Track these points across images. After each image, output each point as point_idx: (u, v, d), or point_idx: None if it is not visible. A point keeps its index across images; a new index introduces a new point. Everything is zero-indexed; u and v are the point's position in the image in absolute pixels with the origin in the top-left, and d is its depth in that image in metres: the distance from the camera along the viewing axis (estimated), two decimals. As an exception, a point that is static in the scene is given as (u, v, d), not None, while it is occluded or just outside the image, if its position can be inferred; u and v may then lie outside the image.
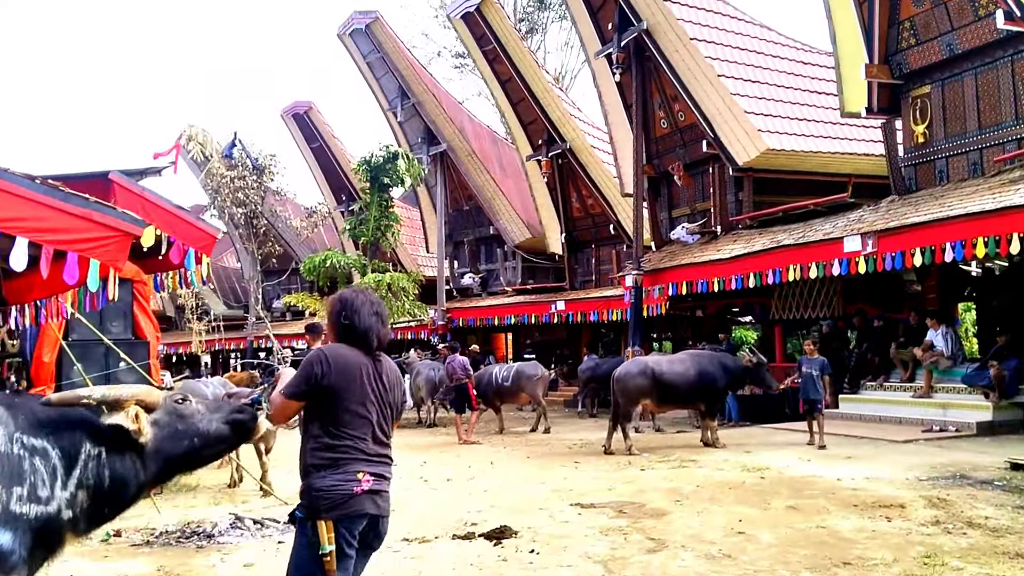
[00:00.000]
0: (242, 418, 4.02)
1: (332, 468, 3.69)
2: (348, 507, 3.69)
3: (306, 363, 3.74)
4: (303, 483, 3.73)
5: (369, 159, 21.77)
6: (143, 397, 3.75)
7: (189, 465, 4.18)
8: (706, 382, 13.04)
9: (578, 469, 11.38)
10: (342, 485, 3.68)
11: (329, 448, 3.70)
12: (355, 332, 3.90)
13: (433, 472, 11.61)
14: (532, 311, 25.06)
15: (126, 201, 9.93)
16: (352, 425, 3.76)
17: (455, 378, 16.16)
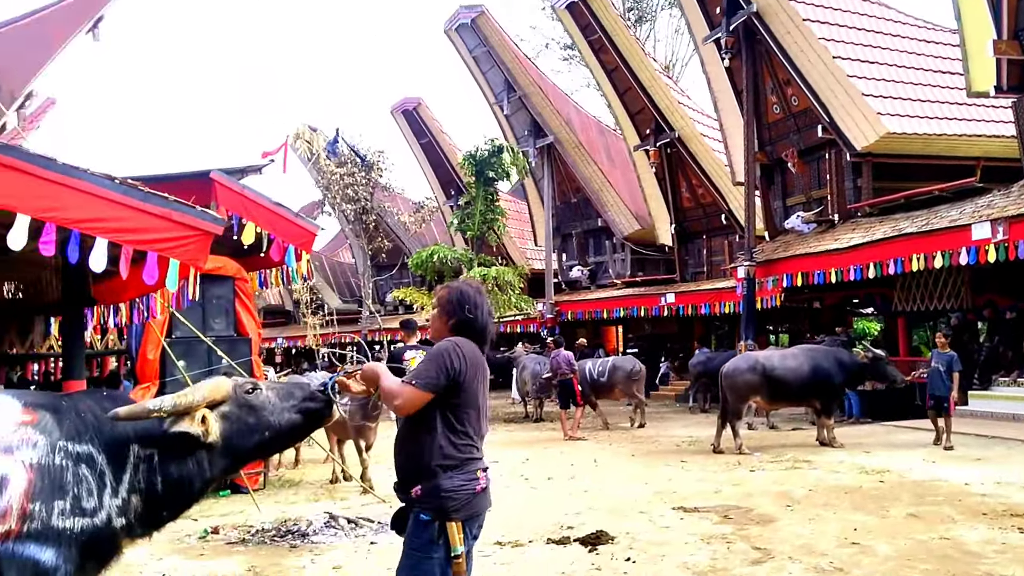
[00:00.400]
0: (315, 406, 3.87)
1: (458, 468, 3.56)
2: (473, 507, 3.61)
3: (441, 355, 3.56)
4: (427, 484, 3.54)
5: (474, 153, 21.69)
6: (212, 395, 3.61)
7: (260, 455, 4.08)
8: (820, 378, 12.36)
9: (684, 469, 10.94)
10: (467, 485, 3.57)
11: (455, 447, 3.56)
12: (475, 327, 3.76)
13: (534, 470, 11.39)
14: (641, 304, 24.54)
15: (227, 199, 10.07)
16: (472, 423, 3.65)
17: (559, 373, 15.90)
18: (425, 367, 3.56)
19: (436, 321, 3.83)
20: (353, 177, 25.00)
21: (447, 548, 3.54)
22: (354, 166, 24.68)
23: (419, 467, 3.58)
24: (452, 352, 3.58)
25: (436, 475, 3.54)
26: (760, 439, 13.64)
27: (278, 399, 3.80)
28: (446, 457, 3.56)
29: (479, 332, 3.79)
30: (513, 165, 21.89)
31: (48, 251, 4.93)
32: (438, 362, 3.55)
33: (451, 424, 3.58)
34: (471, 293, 3.82)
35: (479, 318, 3.79)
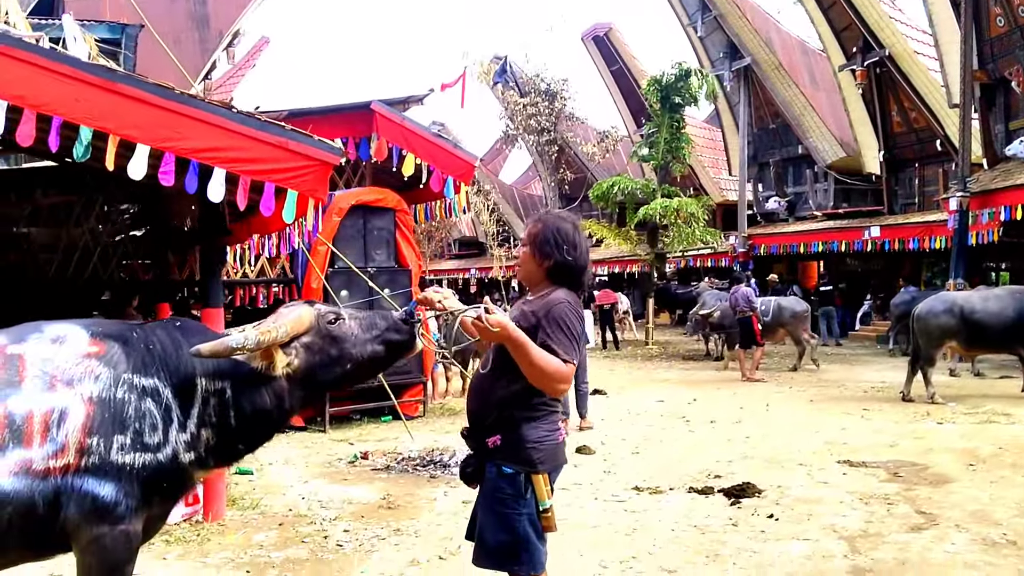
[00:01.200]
0: (398, 338, 3.68)
1: (541, 419, 3.30)
2: (557, 458, 3.38)
3: (569, 321, 3.21)
4: (509, 434, 3.26)
5: (660, 78, 20.77)
6: (295, 329, 3.45)
7: (342, 386, 3.95)
8: None
9: (864, 418, 10.09)
10: (551, 435, 3.33)
11: (539, 395, 3.25)
12: (574, 272, 3.37)
13: (699, 412, 10.89)
14: (842, 238, 22.94)
15: (387, 130, 10.08)
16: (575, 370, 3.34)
17: (738, 310, 15.01)
18: (567, 339, 3.18)
19: (528, 262, 3.41)
20: (536, 107, 24.68)
21: (536, 501, 3.27)
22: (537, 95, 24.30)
23: (500, 416, 3.29)
24: (577, 317, 3.26)
25: (519, 425, 3.26)
26: (959, 388, 12.41)
27: (361, 330, 3.62)
28: (532, 407, 3.28)
29: (578, 277, 3.40)
30: (701, 90, 20.78)
31: (167, 181, 4.97)
32: (575, 332, 3.22)
33: None
34: (569, 230, 3.39)
35: (579, 260, 3.38)
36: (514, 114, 24.63)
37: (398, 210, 10.47)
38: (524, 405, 3.26)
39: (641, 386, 13.98)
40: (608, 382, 14.51)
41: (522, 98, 24.37)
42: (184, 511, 5.88)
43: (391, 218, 10.43)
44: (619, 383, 14.47)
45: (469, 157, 10.65)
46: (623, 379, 15.09)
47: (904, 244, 20.68)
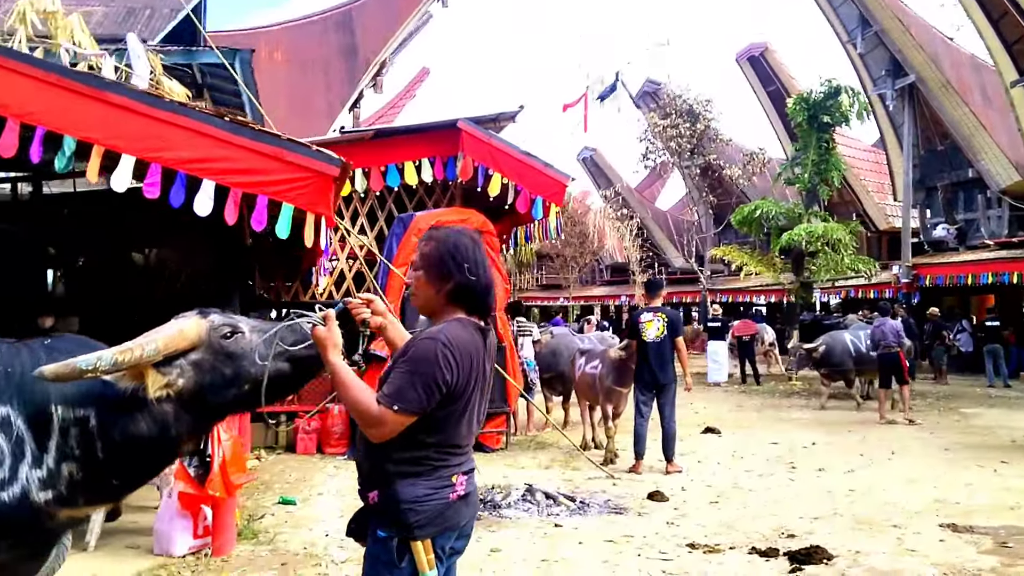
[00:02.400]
0: (306, 354, 3.20)
1: (423, 475, 2.72)
2: (447, 520, 2.76)
3: (428, 361, 2.62)
4: (381, 492, 2.73)
5: (807, 96, 19.58)
6: (172, 346, 3.02)
7: (242, 409, 3.45)
8: None
9: (996, 472, 8.80)
10: (436, 494, 2.72)
11: (423, 449, 2.71)
12: (476, 294, 2.83)
13: (811, 458, 9.87)
14: (1014, 269, 20.78)
15: (473, 149, 9.78)
16: (453, 429, 2.77)
17: (883, 344, 13.60)
18: (406, 380, 2.62)
19: (423, 288, 2.85)
20: (677, 129, 23.84)
21: (413, 571, 2.71)
22: (678, 116, 23.45)
23: (373, 467, 2.77)
24: (442, 358, 2.63)
25: (393, 481, 2.70)
26: None
27: (263, 345, 3.15)
28: (411, 460, 2.71)
29: (482, 299, 2.85)
30: (852, 108, 19.40)
31: (152, 193, 4.78)
32: (425, 375, 2.61)
33: (422, 425, 2.68)
34: (468, 245, 2.85)
35: (481, 279, 2.83)
36: (655, 135, 23.87)
37: (484, 232, 10.06)
38: (401, 457, 2.71)
39: (763, 425, 12.94)
40: (729, 420, 13.58)
41: (663, 119, 23.59)
42: (192, 543, 5.66)
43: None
44: (741, 421, 13.48)
45: (560, 177, 10.18)
46: (748, 417, 14.07)
47: (1086, 277, 18.47)
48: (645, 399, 8.96)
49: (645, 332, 8.87)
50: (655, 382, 8.87)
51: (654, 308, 9.05)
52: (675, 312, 9.38)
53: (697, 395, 17.87)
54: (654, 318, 8.90)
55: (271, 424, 9.50)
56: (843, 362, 14.81)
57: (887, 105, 26.20)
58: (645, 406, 8.96)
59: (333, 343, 2.79)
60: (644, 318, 8.94)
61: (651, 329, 8.86)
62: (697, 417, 13.92)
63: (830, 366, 14.97)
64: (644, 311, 9.07)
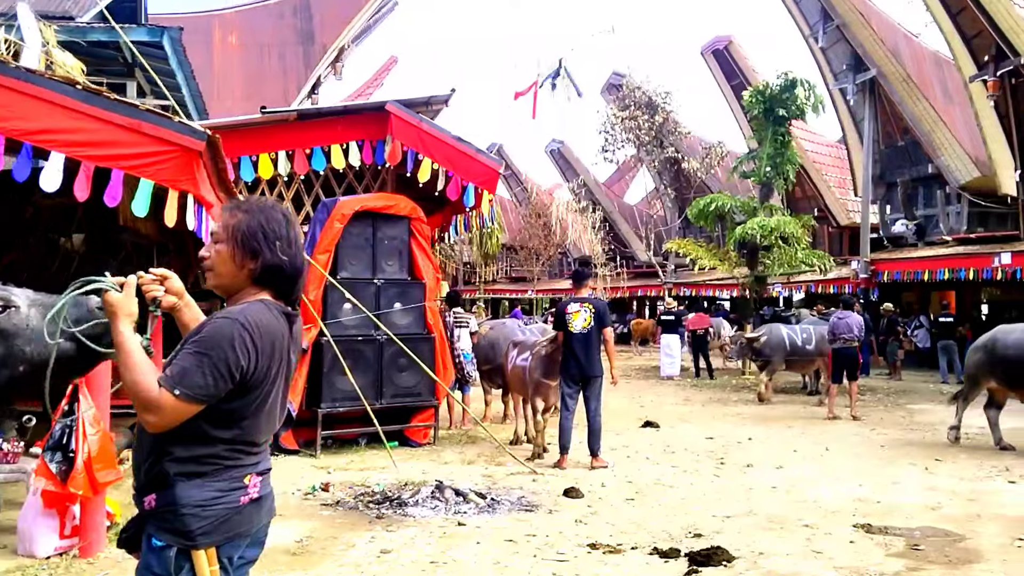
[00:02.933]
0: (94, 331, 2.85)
1: (210, 476, 2.40)
2: (234, 526, 2.43)
3: (221, 345, 2.32)
4: (159, 495, 2.39)
5: (763, 89, 19.38)
6: None
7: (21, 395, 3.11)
8: None
9: (928, 471, 8.62)
10: (223, 497, 2.40)
11: (208, 442, 2.39)
12: (286, 276, 2.52)
13: (744, 454, 9.66)
14: (970, 265, 20.74)
15: (403, 133, 9.44)
16: (250, 425, 2.46)
17: (840, 338, 13.27)
18: (193, 362, 2.30)
19: (224, 263, 2.50)
20: (636, 121, 23.61)
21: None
22: (637, 108, 23.24)
23: (151, 467, 2.42)
24: (239, 341, 2.33)
25: (174, 482, 2.37)
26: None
27: (48, 323, 2.82)
28: (194, 459, 2.38)
29: (292, 283, 2.55)
30: (808, 102, 19.23)
31: (-4, 167, 4.44)
32: (216, 359, 2.30)
33: (212, 417, 2.37)
34: (281, 222, 2.52)
35: (295, 260, 2.53)
36: (613, 127, 23.63)
37: (413, 218, 9.76)
38: (185, 455, 2.38)
39: (705, 420, 12.75)
40: (672, 413, 13.39)
41: (622, 111, 23.36)
42: (59, 544, 5.31)
43: (405, 227, 9.73)
44: (684, 415, 13.29)
45: (493, 163, 9.88)
46: (692, 411, 13.88)
47: (1037, 273, 18.45)
48: (571, 392, 8.69)
49: (571, 323, 8.60)
50: (581, 374, 8.61)
51: (581, 299, 8.78)
52: (602, 302, 9.13)
53: (647, 388, 17.72)
54: (581, 309, 8.63)
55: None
56: (776, 353, 14.70)
57: (848, 100, 26.12)
58: (571, 399, 8.69)
59: (127, 311, 2.46)
60: (571, 309, 8.67)
61: (578, 320, 8.60)
62: (642, 411, 13.72)
63: (764, 356, 14.90)
64: (570, 301, 8.80)
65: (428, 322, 9.75)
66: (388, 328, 9.32)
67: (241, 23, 24.58)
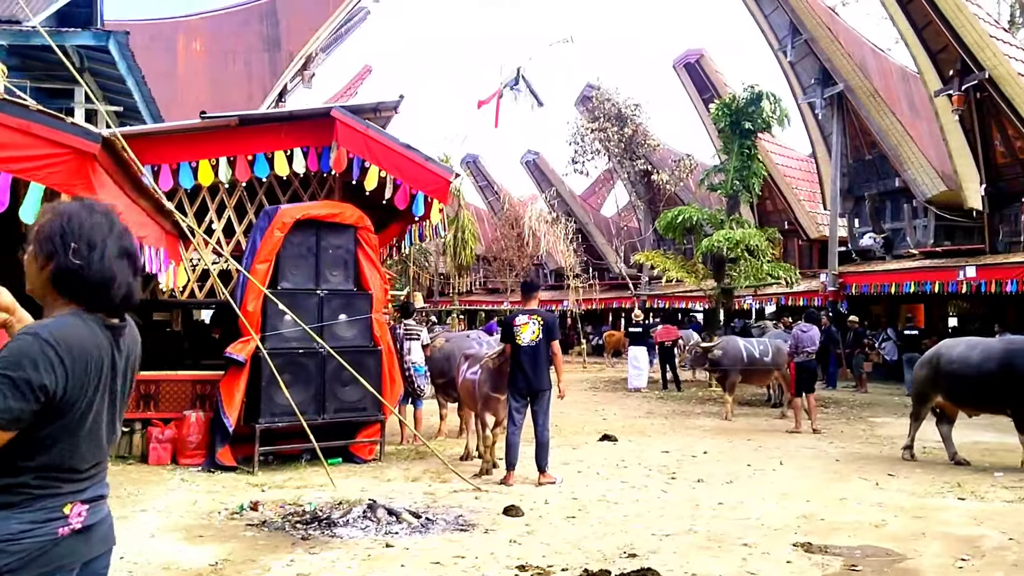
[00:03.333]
0: None
1: (18, 507, 2.17)
2: (51, 560, 2.20)
3: (20, 359, 2.09)
4: None
5: (729, 102, 19.32)
6: None
7: None
8: (1014, 378, 9.12)
9: (878, 486, 8.47)
10: (34, 530, 2.17)
11: (14, 471, 2.16)
12: (80, 283, 2.25)
13: (696, 468, 9.50)
14: (935, 278, 20.78)
15: (348, 139, 9.24)
16: (67, 452, 2.23)
17: (803, 351, 13.17)
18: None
19: (29, 265, 2.31)
20: (605, 132, 23.50)
21: None
22: (607, 120, 23.12)
23: None
24: (42, 358, 2.11)
25: None
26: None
27: None
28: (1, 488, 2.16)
29: (92, 291, 2.27)
30: (774, 115, 19.19)
31: None
32: (16, 379, 2.07)
33: (17, 444, 2.13)
34: (86, 223, 2.27)
35: (93, 266, 2.25)
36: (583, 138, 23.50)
37: (360, 227, 9.54)
38: None
39: (664, 433, 12.59)
40: (633, 427, 13.24)
41: (592, 123, 23.25)
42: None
43: (351, 236, 9.51)
44: (644, 428, 13.14)
45: (442, 171, 9.69)
46: (653, 424, 13.72)
47: (1002, 287, 18.46)
48: (519, 406, 8.49)
49: (519, 336, 8.41)
50: (529, 388, 8.42)
51: (529, 311, 8.60)
52: (551, 314, 8.94)
53: (613, 401, 17.57)
54: (529, 321, 8.45)
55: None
56: (734, 364, 14.57)
57: (816, 114, 26.22)
58: (518, 413, 8.49)
59: None
60: (519, 321, 8.48)
61: (526, 332, 8.41)
62: (603, 424, 13.57)
63: (721, 368, 14.78)
64: (519, 313, 8.61)
65: (375, 334, 9.52)
66: (332, 341, 9.12)
67: (206, 29, 24.31)
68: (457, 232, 35.63)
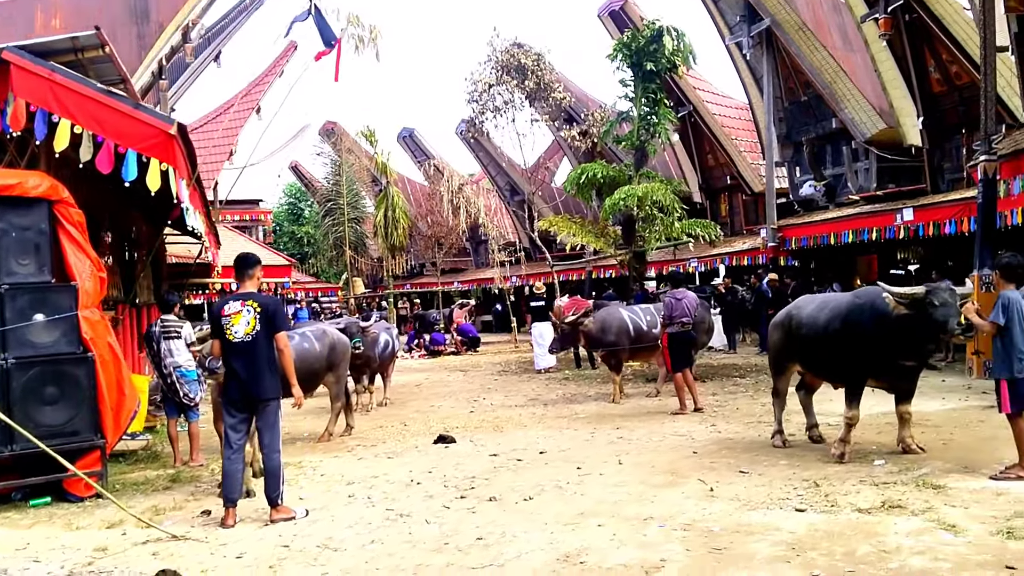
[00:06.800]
0: None
1: None
2: None
3: None
4: None
5: (628, 41, 17.23)
6: None
7: None
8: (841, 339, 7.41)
9: (711, 493, 6.53)
10: None
11: None
12: None
13: (503, 480, 7.60)
14: (873, 224, 18.93)
15: (27, 88, 7.13)
16: None
17: (678, 321, 11.26)
18: None
19: None
20: (505, 87, 21.41)
21: None
22: (506, 73, 21.02)
23: None
24: None
25: None
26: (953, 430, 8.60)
27: None
28: None
29: None
30: (677, 54, 17.10)
31: None
32: None
33: None
34: None
35: None
36: (481, 94, 21.42)
37: (56, 201, 7.46)
38: None
39: (525, 426, 10.68)
40: (494, 420, 11.33)
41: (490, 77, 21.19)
42: None
43: (44, 213, 7.42)
44: (507, 420, 11.25)
45: (159, 122, 7.55)
46: (523, 414, 11.79)
47: (940, 228, 16.55)
48: (235, 422, 6.47)
49: (230, 328, 6.40)
50: (246, 398, 6.41)
51: (244, 295, 6.54)
52: (273, 299, 6.90)
53: (505, 386, 15.68)
54: (243, 309, 6.41)
55: None
56: (619, 339, 12.60)
57: (745, 54, 24.17)
58: (235, 432, 6.47)
59: None
60: (229, 309, 6.44)
61: (238, 324, 6.38)
62: (470, 417, 11.72)
63: (605, 344, 12.75)
64: (230, 300, 6.55)
65: (84, 337, 7.45)
66: (22, 349, 7.11)
67: (66, 4, 22.03)
68: (387, 210, 33.54)
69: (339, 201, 36.34)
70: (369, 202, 39.34)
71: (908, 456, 7.30)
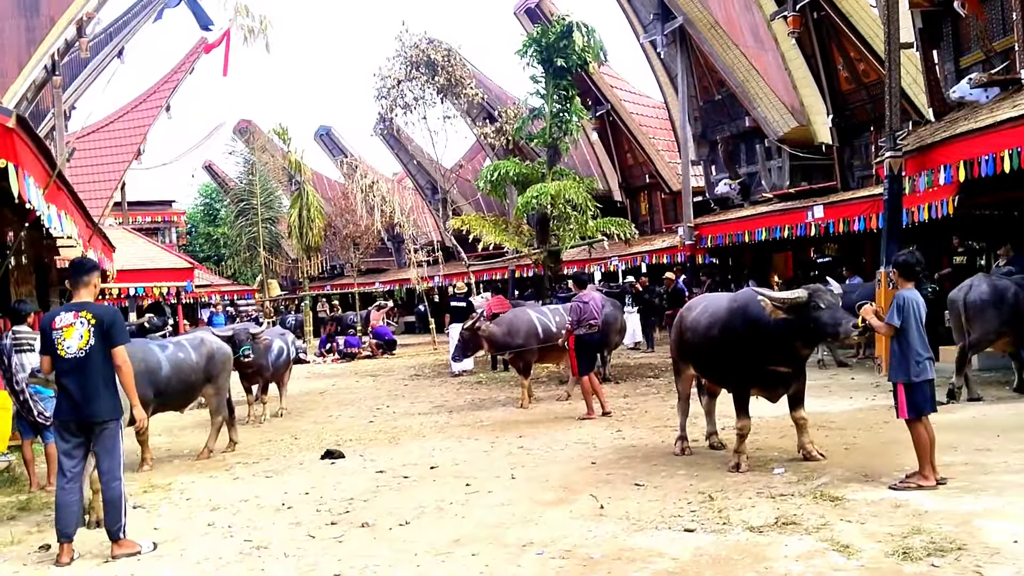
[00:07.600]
0: None
1: None
2: None
3: None
4: None
5: (538, 37, 16.81)
6: None
7: None
8: (712, 346, 7.27)
9: (599, 512, 6.07)
10: None
11: None
12: None
13: (382, 503, 7.04)
14: (784, 221, 18.86)
15: None
16: None
17: (586, 323, 10.85)
18: None
19: None
20: (413, 82, 20.84)
21: None
22: (415, 69, 20.45)
23: None
24: None
25: None
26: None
27: None
28: None
29: None
30: (587, 50, 16.74)
31: None
32: None
33: None
34: None
35: None
36: (389, 90, 20.77)
37: None
38: None
39: (423, 436, 10.15)
40: (392, 430, 10.76)
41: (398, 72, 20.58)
42: None
43: None
44: (405, 430, 10.70)
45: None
46: (426, 423, 11.25)
47: (849, 225, 16.51)
48: (68, 447, 5.76)
49: (62, 343, 5.70)
50: (78, 419, 5.71)
51: (78, 305, 5.84)
52: (111, 309, 6.23)
53: (415, 391, 15.12)
54: (75, 321, 5.73)
55: None
56: (526, 342, 12.14)
57: (659, 52, 24.00)
58: (69, 458, 5.76)
59: None
60: (60, 321, 5.75)
61: (71, 338, 5.69)
62: (367, 428, 11.11)
63: (512, 347, 12.26)
64: (61, 311, 5.86)
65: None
66: None
67: (-54, -5, 20.73)
68: (302, 210, 32.61)
69: (253, 201, 35.23)
70: (285, 201, 38.27)
71: (808, 464, 6.97)
